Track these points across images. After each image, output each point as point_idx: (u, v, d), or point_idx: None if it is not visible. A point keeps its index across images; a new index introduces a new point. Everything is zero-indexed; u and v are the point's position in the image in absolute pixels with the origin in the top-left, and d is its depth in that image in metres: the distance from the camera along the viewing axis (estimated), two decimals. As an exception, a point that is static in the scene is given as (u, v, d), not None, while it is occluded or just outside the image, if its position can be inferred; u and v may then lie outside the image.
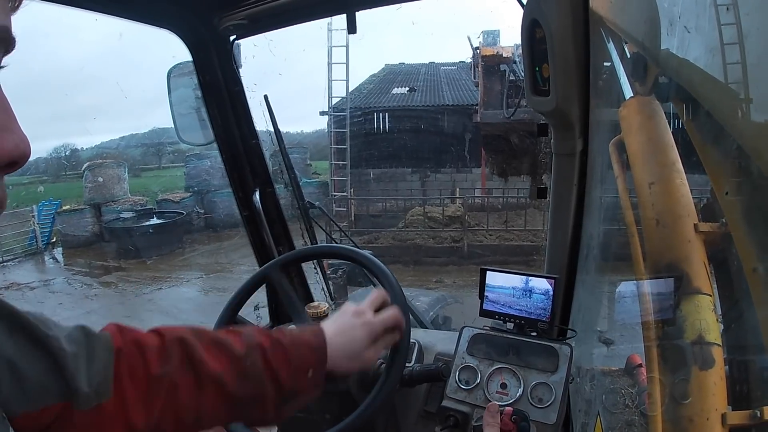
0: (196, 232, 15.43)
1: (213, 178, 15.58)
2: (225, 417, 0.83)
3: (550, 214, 1.48)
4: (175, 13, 1.52)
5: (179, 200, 15.75)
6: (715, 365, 0.83)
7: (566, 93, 1.24)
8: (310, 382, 0.88)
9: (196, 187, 15.94)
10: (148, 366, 0.75)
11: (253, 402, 0.83)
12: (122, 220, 14.69)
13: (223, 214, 14.99)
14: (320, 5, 1.55)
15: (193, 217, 15.49)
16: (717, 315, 0.87)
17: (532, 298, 1.35)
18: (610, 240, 1.40)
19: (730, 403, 0.83)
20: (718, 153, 0.73)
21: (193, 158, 16.41)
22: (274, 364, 0.83)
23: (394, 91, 18.13)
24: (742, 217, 0.66)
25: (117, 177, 15.70)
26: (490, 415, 1.16)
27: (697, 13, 0.58)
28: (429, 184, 16.74)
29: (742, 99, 0.52)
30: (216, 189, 15.41)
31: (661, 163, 1.03)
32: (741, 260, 0.68)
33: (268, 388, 0.83)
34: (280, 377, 0.84)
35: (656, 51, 0.79)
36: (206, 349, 0.80)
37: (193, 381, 0.78)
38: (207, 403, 0.79)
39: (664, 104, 1.04)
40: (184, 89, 1.72)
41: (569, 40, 1.18)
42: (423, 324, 1.93)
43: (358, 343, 0.94)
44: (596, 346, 1.47)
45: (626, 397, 1.29)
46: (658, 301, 1.02)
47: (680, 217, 0.96)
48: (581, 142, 1.31)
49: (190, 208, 15.56)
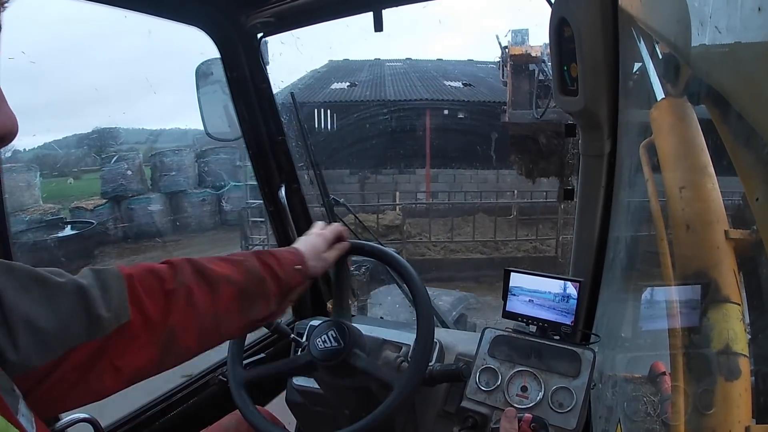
0: (111, 243, 13.33)
1: (131, 183, 13.81)
2: (237, 313, 0.94)
3: (576, 216, 1.46)
4: (203, 11, 1.55)
5: (93, 208, 13.53)
6: (741, 376, 0.80)
7: (595, 93, 1.22)
8: (299, 275, 1.05)
9: (112, 192, 13.81)
10: (163, 282, 0.84)
11: (259, 295, 0.97)
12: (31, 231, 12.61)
13: (142, 222, 13.43)
14: (347, 3, 1.56)
15: (108, 227, 13.48)
16: (745, 325, 0.84)
17: (556, 302, 1.34)
18: (637, 244, 1.37)
19: (755, 415, 0.80)
20: (751, 157, 0.70)
21: (107, 161, 14.17)
22: (269, 262, 0.99)
23: (334, 86, 17.10)
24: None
25: (26, 183, 13.59)
26: (507, 420, 1.14)
27: (729, 13, 0.56)
28: (369, 186, 15.45)
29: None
30: (134, 195, 13.75)
31: (692, 167, 1.01)
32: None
33: (269, 282, 0.98)
34: (276, 271, 0.99)
35: (688, 51, 0.77)
36: (210, 261, 0.93)
37: (206, 286, 0.89)
38: (222, 301, 0.90)
39: (696, 106, 1.01)
40: (212, 85, 1.75)
41: (598, 39, 1.16)
42: (445, 324, 1.93)
43: (318, 248, 1.14)
44: (620, 351, 1.45)
45: (648, 405, 1.26)
46: (686, 309, 1.00)
47: (710, 223, 0.93)
48: (609, 144, 1.29)
49: (106, 216, 13.47)
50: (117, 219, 13.66)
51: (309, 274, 1.09)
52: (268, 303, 0.99)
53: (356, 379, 1.27)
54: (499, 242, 11.81)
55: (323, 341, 1.25)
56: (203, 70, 1.74)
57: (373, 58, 20.35)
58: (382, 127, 14.87)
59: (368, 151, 14.82)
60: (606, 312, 1.41)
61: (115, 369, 0.76)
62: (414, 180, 15.58)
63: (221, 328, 0.92)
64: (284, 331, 1.45)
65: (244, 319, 0.96)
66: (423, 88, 16.44)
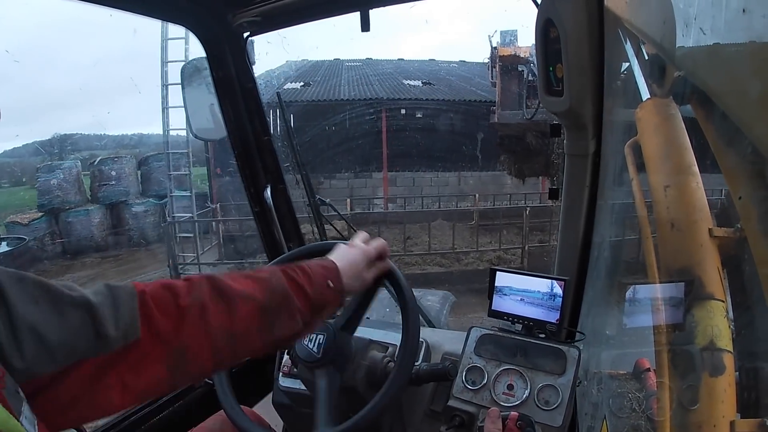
0: (47, 260, 12.49)
1: (67, 194, 12.91)
2: (257, 332, 0.89)
3: (561, 215, 1.47)
4: (189, 10, 1.53)
5: (28, 222, 12.59)
6: (725, 372, 0.82)
7: (580, 93, 1.23)
8: (332, 292, 1.00)
9: (48, 205, 12.89)
10: (177, 299, 0.81)
11: (282, 313, 0.92)
12: None
13: (81, 236, 12.72)
14: (334, 3, 1.55)
15: (45, 243, 12.68)
16: (729, 321, 0.86)
17: (542, 300, 1.35)
18: (622, 243, 1.39)
19: (740, 410, 0.82)
20: (735, 156, 0.72)
21: (43, 171, 13.23)
22: (297, 279, 0.94)
23: (287, 86, 16.23)
24: (758, 222, 0.65)
25: None
26: (491, 420, 1.15)
27: (713, 15, 0.57)
28: (323, 192, 13.71)
29: (758, 101, 0.51)
30: (71, 207, 12.88)
31: (676, 166, 1.02)
32: (756, 266, 0.67)
33: (295, 299, 0.93)
34: (305, 288, 0.94)
35: (673, 51, 0.78)
36: (232, 278, 0.89)
37: (222, 303, 0.85)
38: (239, 319, 0.86)
39: (681, 106, 1.02)
40: (198, 85, 1.73)
41: (583, 40, 1.18)
42: (431, 323, 1.93)
43: (358, 265, 1.09)
44: (604, 349, 1.46)
45: (633, 402, 1.27)
46: (670, 306, 1.01)
47: (695, 221, 0.95)
48: (594, 143, 1.30)
49: (42, 231, 12.62)
50: (54, 234, 12.84)
51: (344, 292, 1.04)
52: (294, 321, 0.94)
53: (343, 380, 1.27)
54: (459, 252, 10.86)
55: (309, 341, 1.25)
56: (189, 69, 1.73)
57: (332, 59, 19.84)
58: (336, 128, 14.31)
59: (322, 153, 14.07)
60: (591, 310, 1.42)
61: (124, 386, 0.75)
62: (371, 184, 14.88)
63: (238, 347, 0.89)
64: None
65: (266, 338, 0.91)
66: (380, 87, 15.85)
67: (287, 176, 1.91)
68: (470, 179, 14.75)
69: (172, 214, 10.76)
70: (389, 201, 14.64)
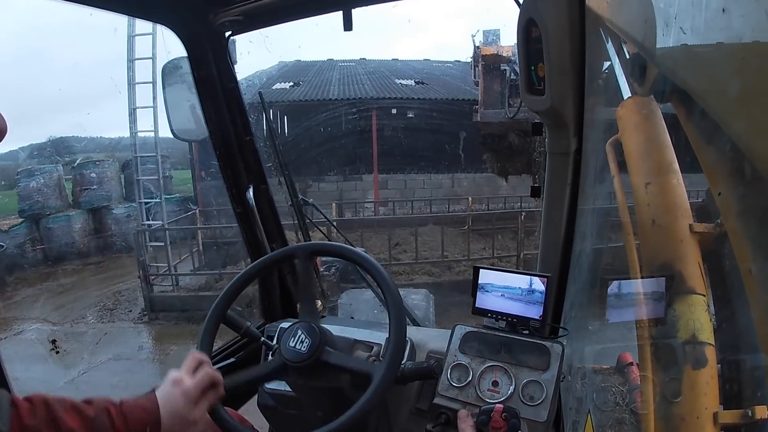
0: (28, 266, 12.16)
1: (48, 199, 12.63)
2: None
3: (543, 213, 1.49)
4: (170, 9, 1.51)
5: (8, 228, 12.29)
6: (707, 365, 0.83)
7: (561, 92, 1.25)
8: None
9: (29, 211, 12.61)
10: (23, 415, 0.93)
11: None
12: None
13: (62, 243, 12.36)
14: (316, 2, 1.55)
15: (26, 249, 12.36)
16: (710, 315, 0.87)
17: (525, 297, 1.36)
18: (604, 239, 1.41)
19: (722, 402, 0.83)
20: (714, 153, 0.73)
21: (23, 176, 12.90)
22: (117, 424, 1.02)
23: (276, 86, 15.94)
24: (737, 218, 0.67)
25: None
26: (461, 421, 1.18)
27: (693, 14, 0.58)
28: (311, 195, 13.35)
29: (737, 99, 0.52)
30: (52, 212, 12.59)
31: (657, 164, 1.04)
32: (736, 260, 0.69)
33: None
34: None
35: (654, 51, 0.79)
36: (65, 411, 0.98)
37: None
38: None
39: (662, 105, 1.04)
40: (179, 85, 1.71)
41: (565, 39, 1.19)
42: (416, 322, 1.94)
43: (181, 409, 1.11)
44: (588, 344, 1.48)
45: (617, 396, 1.30)
46: (652, 300, 1.03)
47: (676, 217, 0.96)
48: (575, 142, 1.32)
49: (22, 237, 12.35)
50: (35, 240, 12.56)
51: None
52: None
53: (329, 379, 1.27)
54: (450, 261, 10.21)
55: (294, 342, 1.24)
56: (170, 69, 1.70)
57: (326, 59, 19.44)
58: (325, 129, 13.94)
59: (310, 154, 13.74)
60: (573, 306, 1.44)
61: None
62: (361, 187, 14.54)
63: None
64: (254, 335, 1.43)
65: None
66: (371, 87, 15.50)
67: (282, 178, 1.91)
68: (464, 181, 14.45)
69: (142, 221, 10.40)
70: (380, 204, 14.05)
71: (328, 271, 2.35)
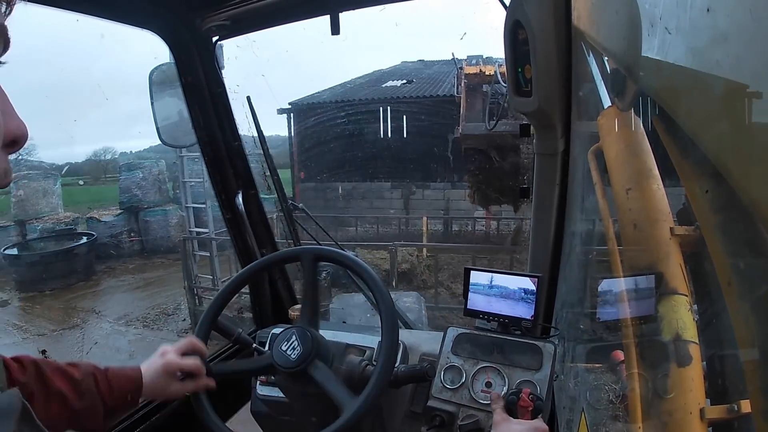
0: (122, 257, 12.67)
1: (146, 193, 13.17)
2: (65, 424, 1.04)
3: (532, 213, 1.49)
4: (156, 14, 1.51)
5: (105, 219, 13.11)
6: (692, 362, 0.85)
7: (548, 94, 1.25)
8: (128, 403, 1.15)
9: (127, 203, 13.33)
10: (14, 374, 0.96)
11: (88, 414, 1.07)
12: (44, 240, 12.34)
13: (157, 236, 12.80)
14: (303, 6, 1.55)
15: (122, 239, 12.95)
16: (694, 314, 0.89)
17: (516, 297, 1.36)
18: (591, 241, 1.42)
19: (709, 397, 0.84)
20: (688, 164, 0.75)
21: (124, 169, 13.68)
22: (102, 388, 1.09)
23: (388, 84, 15.43)
24: (713, 222, 0.68)
25: (42, 190, 13.25)
26: (494, 402, 1.20)
27: (678, 15, 0.59)
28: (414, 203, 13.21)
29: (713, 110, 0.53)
30: (150, 206, 13.11)
31: (637, 170, 1.05)
32: (712, 259, 0.70)
33: (98, 404, 1.08)
34: (106, 398, 1.09)
35: (636, 66, 0.80)
36: (52, 371, 1.04)
37: (43, 393, 1.00)
38: (53, 413, 1.01)
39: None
40: (166, 90, 1.70)
41: (551, 41, 1.20)
42: (408, 325, 1.94)
43: (161, 378, 1.20)
44: (580, 343, 1.49)
45: (610, 393, 1.30)
46: (636, 301, 1.04)
47: (656, 221, 0.98)
48: (563, 142, 1.32)
49: (119, 228, 13.01)
50: (132, 231, 13.11)
51: (138, 401, 1.18)
52: (95, 421, 1.09)
53: (317, 386, 1.27)
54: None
55: (286, 347, 1.24)
56: (157, 75, 1.69)
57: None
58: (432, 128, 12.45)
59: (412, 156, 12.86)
60: (564, 305, 1.45)
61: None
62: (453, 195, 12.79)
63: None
64: (246, 341, 1.42)
65: (72, 428, 1.06)
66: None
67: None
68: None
69: (189, 227, 9.61)
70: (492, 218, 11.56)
71: (319, 276, 2.34)
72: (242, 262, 1.93)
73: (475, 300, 1.42)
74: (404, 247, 9.19)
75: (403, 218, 12.63)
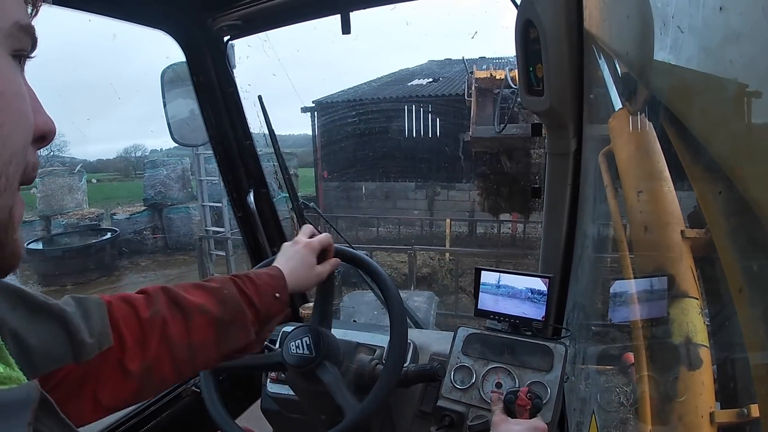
0: (147, 253, 12.81)
1: (169, 191, 13.14)
2: (214, 344, 0.92)
3: (544, 213, 1.48)
4: (168, 14, 1.52)
5: (129, 215, 13.16)
6: (702, 366, 0.84)
7: (560, 93, 1.24)
8: (278, 303, 1.03)
9: (151, 200, 13.34)
10: (138, 311, 0.85)
11: (235, 325, 0.95)
12: (67, 235, 12.44)
13: (180, 233, 12.71)
14: (314, 5, 1.55)
15: (145, 236, 13.03)
16: (704, 317, 0.88)
17: (527, 298, 1.36)
18: (602, 242, 1.41)
19: (719, 401, 0.84)
20: (699, 167, 0.74)
21: (149, 166, 13.73)
22: (247, 291, 0.98)
23: (414, 82, 15.01)
24: (723, 226, 0.67)
25: (68, 186, 13.31)
26: (493, 403, 1.21)
27: (691, 13, 0.58)
28: (439, 204, 12.90)
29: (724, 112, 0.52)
30: (173, 203, 13.07)
31: (648, 172, 1.05)
32: (722, 263, 0.69)
33: (246, 311, 0.96)
34: (254, 301, 0.98)
35: (648, 67, 0.79)
36: (186, 289, 0.93)
37: (180, 316, 0.89)
38: (196, 331, 0.90)
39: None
40: (178, 90, 1.72)
41: (563, 39, 1.19)
42: (418, 324, 1.94)
43: (306, 262, 1.14)
44: (591, 344, 1.48)
45: (621, 396, 1.29)
46: (647, 304, 1.04)
47: (667, 224, 0.98)
48: (575, 142, 1.31)
49: (143, 224, 13.08)
50: (156, 228, 13.12)
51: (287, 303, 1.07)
52: (247, 332, 0.97)
53: (327, 387, 1.27)
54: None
55: (296, 346, 1.24)
56: (169, 74, 1.71)
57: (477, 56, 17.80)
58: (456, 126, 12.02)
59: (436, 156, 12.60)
60: (576, 306, 1.44)
61: (95, 399, 0.78)
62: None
63: (197, 359, 0.91)
64: None
65: (222, 349, 0.94)
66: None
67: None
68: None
69: (205, 226, 9.29)
70: (519, 222, 11.20)
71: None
72: (253, 260, 1.94)
73: (486, 300, 1.41)
74: (424, 250, 8.96)
75: (426, 219, 12.49)
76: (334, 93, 14.31)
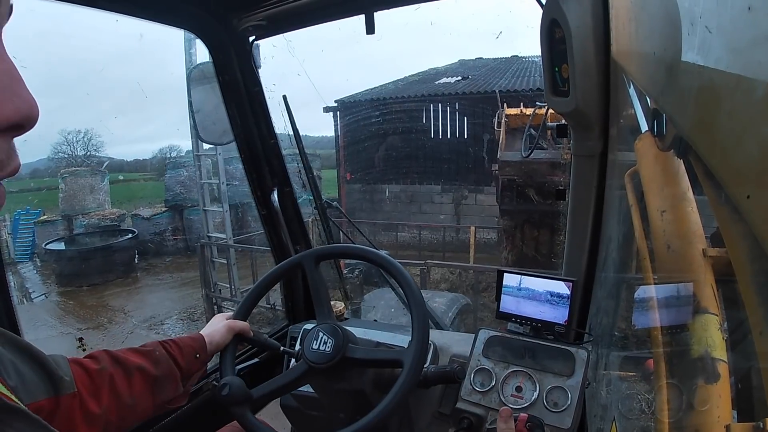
0: (166, 254, 12.70)
1: (190, 192, 12.75)
2: (150, 396, 1.12)
3: (569, 216, 1.46)
4: (194, 14, 1.54)
5: (150, 216, 13.06)
6: (720, 380, 0.85)
7: (586, 93, 1.22)
8: (199, 362, 1.26)
9: (172, 201, 13.30)
10: (88, 366, 1.03)
11: (167, 381, 1.16)
12: (87, 236, 12.35)
13: (201, 235, 11.18)
14: (339, 6, 1.55)
15: (165, 237, 12.97)
16: (723, 333, 0.88)
17: (550, 301, 1.34)
18: (630, 243, 1.39)
19: (735, 414, 0.83)
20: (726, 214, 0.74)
21: (170, 167, 13.65)
22: (173, 353, 1.19)
23: (441, 80, 14.44)
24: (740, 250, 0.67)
25: (89, 186, 13.26)
26: (503, 420, 1.14)
27: (719, 13, 0.56)
28: (465, 209, 12.41)
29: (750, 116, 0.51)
30: (192, 205, 12.62)
31: (673, 193, 1.08)
32: (739, 283, 0.69)
33: (173, 368, 1.17)
34: (179, 361, 1.19)
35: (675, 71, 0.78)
36: (124, 352, 1.13)
37: (122, 372, 1.08)
38: (137, 386, 1.09)
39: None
40: (204, 89, 1.74)
41: (589, 40, 1.17)
42: (439, 326, 1.93)
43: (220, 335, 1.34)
44: (613, 350, 1.45)
45: (643, 403, 1.27)
46: (668, 319, 1.04)
47: (690, 243, 1.00)
48: (601, 144, 1.29)
49: (163, 225, 13.02)
50: (177, 229, 13.12)
51: (207, 361, 1.29)
52: (176, 386, 1.18)
53: (352, 381, 1.27)
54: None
55: (317, 344, 1.25)
56: (195, 73, 1.74)
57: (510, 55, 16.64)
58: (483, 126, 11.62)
59: (462, 158, 12.15)
60: (599, 311, 1.41)
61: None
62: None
63: (137, 408, 1.09)
64: (273, 346, 1.44)
65: (156, 400, 1.14)
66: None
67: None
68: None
69: (207, 232, 8.89)
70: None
71: (351, 274, 2.35)
72: (277, 258, 1.96)
73: (508, 303, 1.40)
74: (437, 266, 8.31)
75: (450, 227, 11.93)
76: (357, 92, 14.09)
